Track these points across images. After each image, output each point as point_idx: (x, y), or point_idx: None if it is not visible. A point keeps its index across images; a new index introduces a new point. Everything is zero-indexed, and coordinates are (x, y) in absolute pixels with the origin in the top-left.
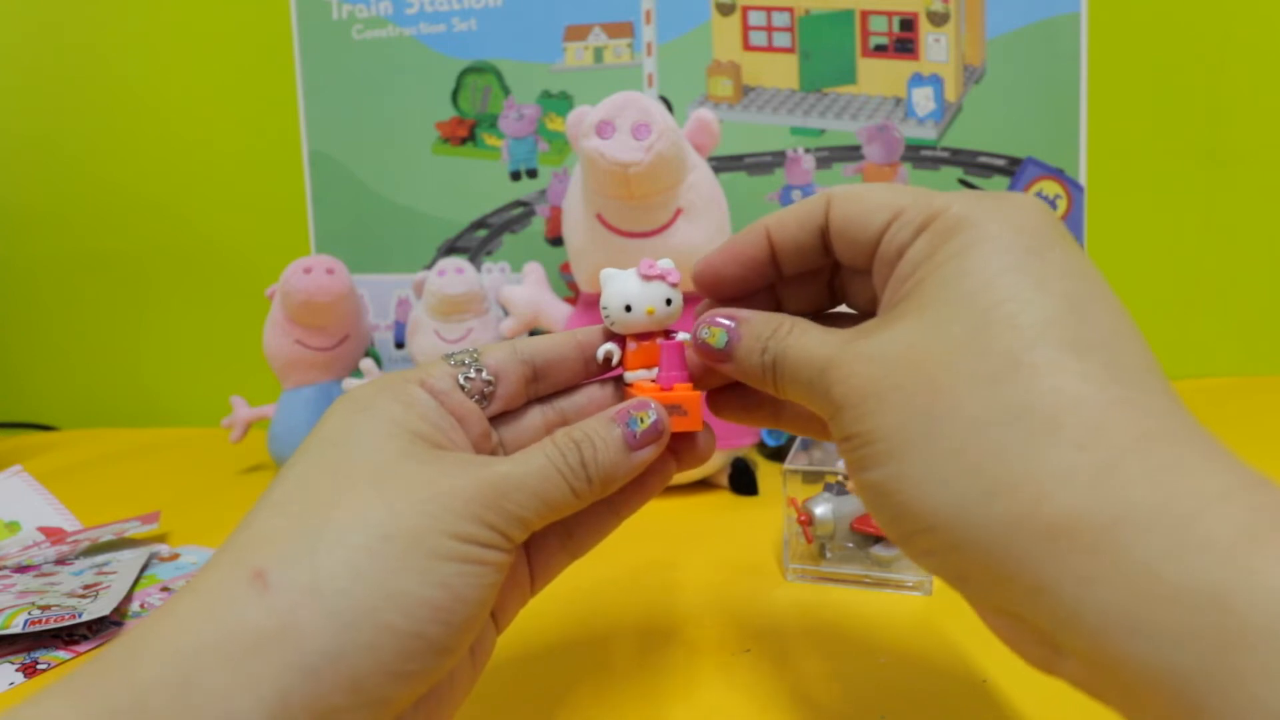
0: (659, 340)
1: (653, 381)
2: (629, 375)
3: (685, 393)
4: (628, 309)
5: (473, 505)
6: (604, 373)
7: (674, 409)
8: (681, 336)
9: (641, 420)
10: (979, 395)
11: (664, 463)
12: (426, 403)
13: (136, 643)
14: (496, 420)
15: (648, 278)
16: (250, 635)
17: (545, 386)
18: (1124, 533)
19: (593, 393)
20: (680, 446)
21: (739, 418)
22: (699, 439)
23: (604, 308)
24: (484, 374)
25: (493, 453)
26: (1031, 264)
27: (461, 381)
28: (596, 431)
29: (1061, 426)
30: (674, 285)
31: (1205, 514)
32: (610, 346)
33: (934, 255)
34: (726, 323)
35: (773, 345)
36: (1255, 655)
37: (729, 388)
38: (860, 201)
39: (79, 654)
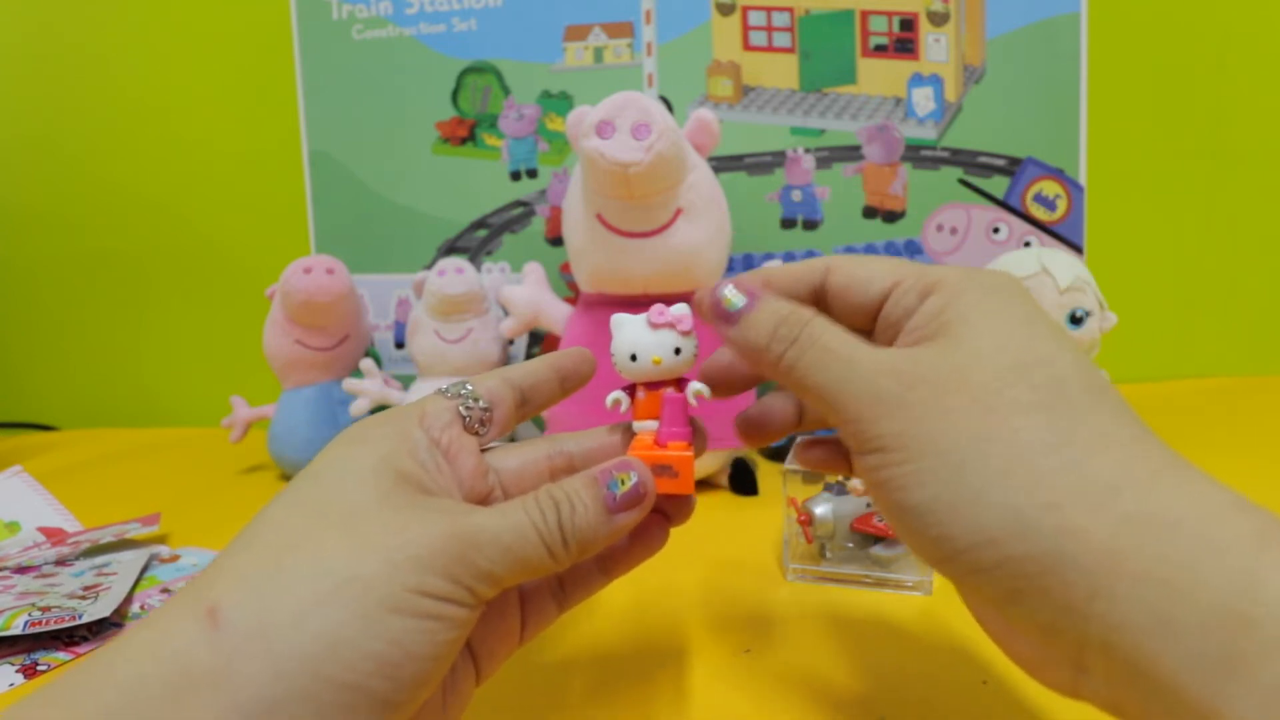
0: (665, 392)
1: (653, 435)
2: (636, 425)
3: (678, 453)
4: (633, 358)
5: (441, 558)
6: (617, 418)
7: (663, 470)
8: (695, 387)
9: (622, 483)
10: (1032, 421)
11: (656, 527)
12: (420, 441)
13: (86, 673)
14: (499, 458)
15: (656, 325)
16: (194, 673)
17: (530, 410)
18: (1164, 540)
19: (602, 437)
20: (670, 507)
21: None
22: (691, 500)
23: (613, 355)
24: (480, 403)
25: (488, 491)
26: (1041, 322)
27: (463, 412)
28: (576, 492)
29: (1105, 451)
30: (685, 333)
31: (1226, 522)
32: (619, 395)
33: (952, 306)
34: (751, 288)
35: (795, 330)
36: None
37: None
38: (862, 267)
39: (79, 655)
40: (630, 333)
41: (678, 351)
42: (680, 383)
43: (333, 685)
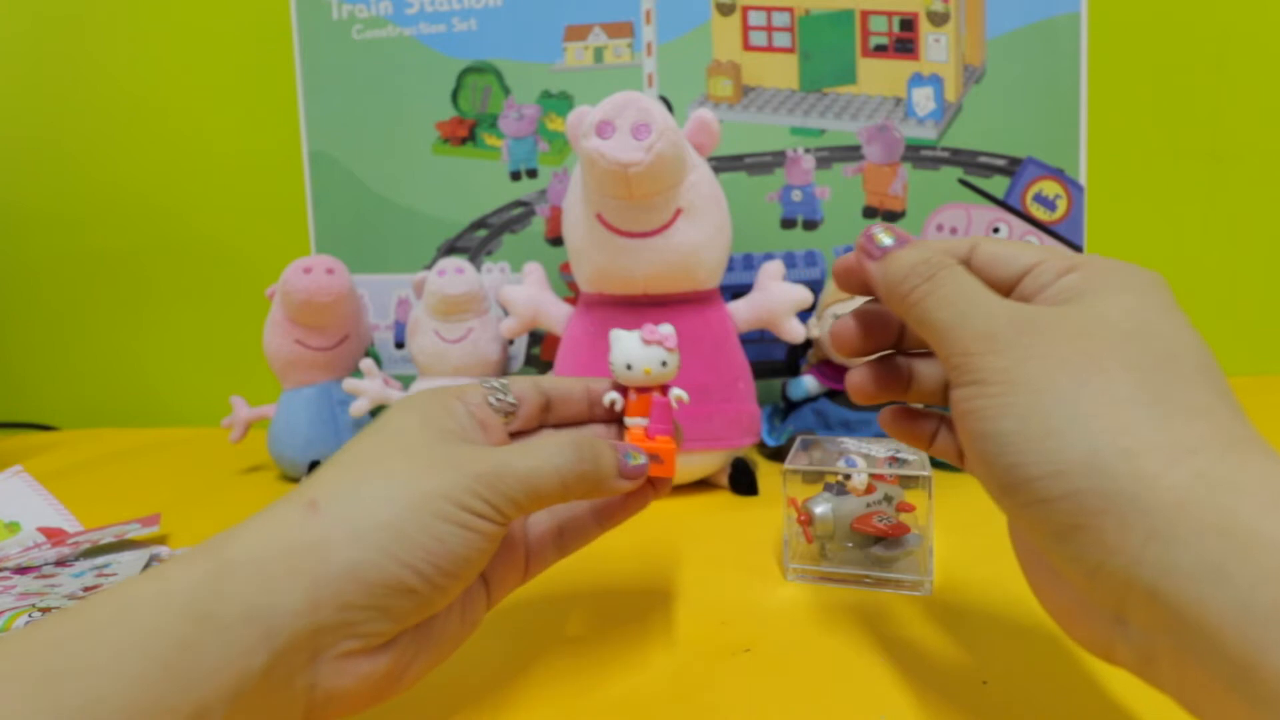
0: (654, 396)
1: (644, 429)
2: (628, 420)
3: (665, 444)
4: (629, 367)
5: (478, 483)
6: (610, 416)
7: (653, 458)
8: (675, 393)
9: (634, 457)
10: (1131, 378)
11: (643, 492)
12: (460, 410)
13: (228, 537)
14: (515, 438)
15: (648, 342)
16: (297, 544)
17: (554, 417)
18: (1231, 497)
19: (597, 430)
20: (656, 484)
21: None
22: (670, 482)
23: (611, 364)
24: (509, 398)
25: None
26: (1172, 311)
27: (492, 401)
28: (601, 450)
29: (1194, 418)
30: (671, 350)
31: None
32: (614, 395)
33: (1089, 282)
34: (901, 233)
35: (933, 269)
36: None
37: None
38: (1009, 246)
39: None
40: (626, 346)
41: (664, 364)
42: (665, 389)
43: (395, 561)
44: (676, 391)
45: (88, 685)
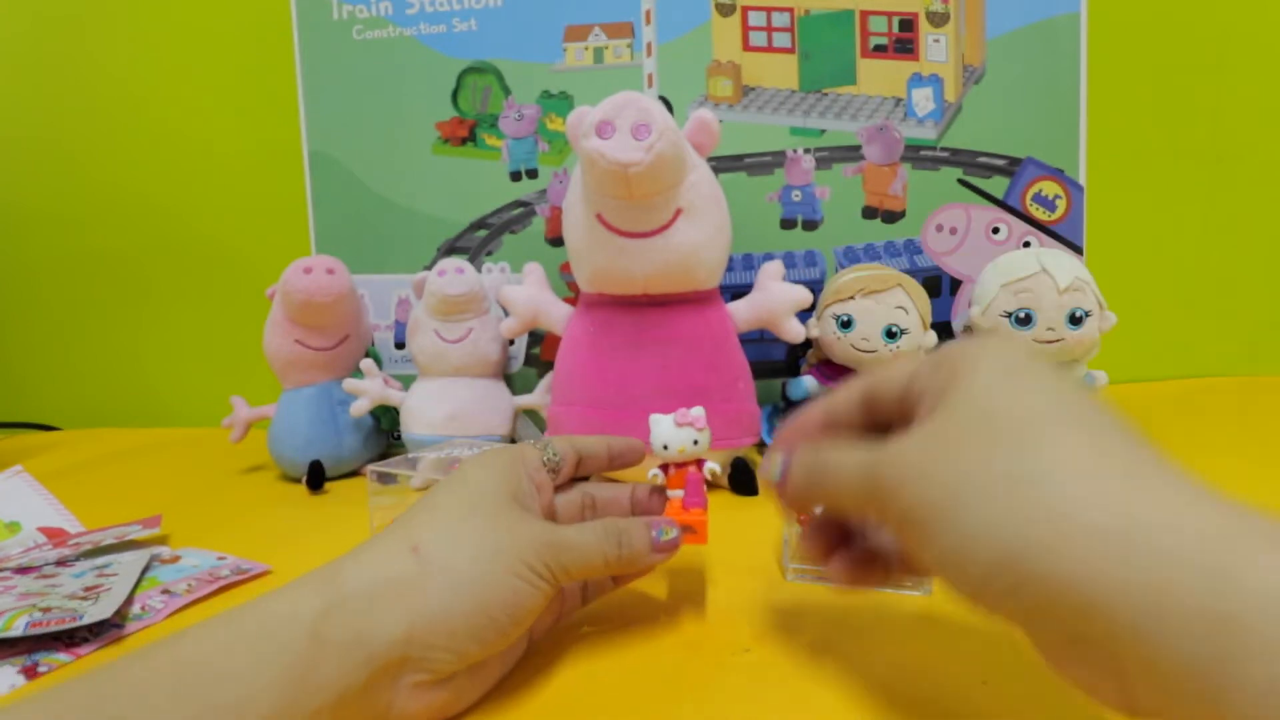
0: (688, 470)
1: (681, 500)
2: (669, 493)
3: (698, 517)
4: (665, 447)
5: (542, 551)
6: (654, 488)
7: (687, 528)
8: (709, 467)
9: (666, 533)
10: (1005, 455)
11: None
12: (523, 475)
13: (341, 568)
14: (557, 491)
15: (680, 425)
16: (401, 581)
17: (583, 469)
18: (1140, 535)
19: (617, 492)
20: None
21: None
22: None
23: (650, 444)
24: (556, 458)
25: (553, 513)
26: (1021, 371)
27: (545, 459)
28: (635, 530)
29: (1076, 473)
30: (701, 429)
31: (1195, 523)
32: (657, 471)
33: (946, 384)
34: (786, 453)
35: (818, 473)
36: (1251, 635)
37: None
38: (889, 370)
39: (80, 656)
40: (663, 429)
41: (696, 443)
42: (699, 463)
43: (479, 606)
44: (710, 465)
45: (235, 688)
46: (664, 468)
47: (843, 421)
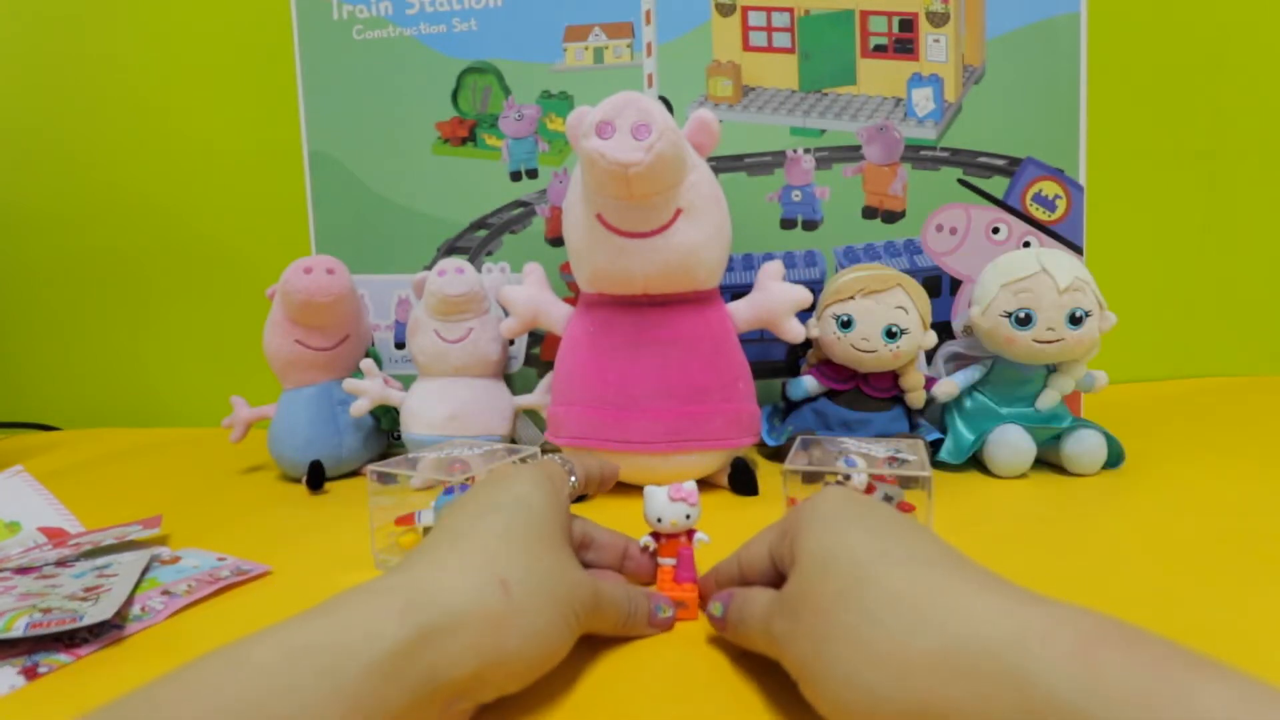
0: (680, 543)
1: (672, 570)
2: (660, 560)
3: (690, 592)
4: (659, 520)
5: (587, 602)
6: (645, 551)
7: (679, 604)
8: (699, 537)
9: (664, 610)
10: (849, 606)
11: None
12: (565, 503)
13: (433, 598)
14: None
15: (674, 499)
16: (492, 614)
17: (587, 490)
18: (984, 659)
19: (613, 540)
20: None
21: None
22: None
23: (645, 515)
24: (576, 484)
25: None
26: (844, 522)
27: (570, 488)
28: (642, 602)
29: (897, 609)
30: (693, 505)
31: (1019, 642)
32: (648, 540)
33: (794, 541)
34: (722, 602)
35: (741, 618)
36: None
37: None
38: (752, 545)
39: (79, 657)
40: (657, 503)
41: (688, 516)
42: (690, 534)
43: (544, 654)
44: (700, 536)
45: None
46: (655, 535)
47: (755, 571)
